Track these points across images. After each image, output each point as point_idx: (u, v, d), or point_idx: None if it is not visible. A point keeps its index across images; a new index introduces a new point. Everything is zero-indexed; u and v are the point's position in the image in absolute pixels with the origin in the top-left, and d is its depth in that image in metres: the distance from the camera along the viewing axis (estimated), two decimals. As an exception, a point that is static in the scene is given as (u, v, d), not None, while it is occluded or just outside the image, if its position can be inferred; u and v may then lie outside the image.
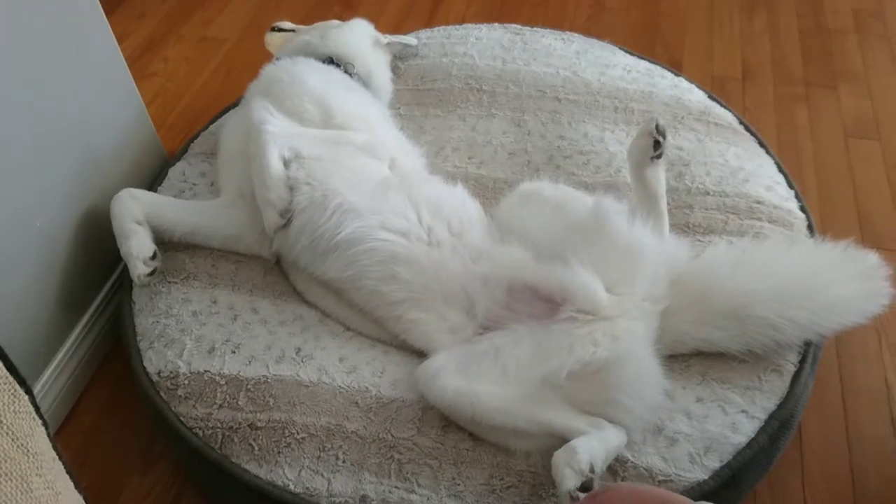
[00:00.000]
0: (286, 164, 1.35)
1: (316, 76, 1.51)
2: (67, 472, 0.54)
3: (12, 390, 0.52)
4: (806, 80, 2.24)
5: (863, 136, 2.06)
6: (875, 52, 2.34)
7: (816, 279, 1.26)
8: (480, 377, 1.17)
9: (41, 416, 0.54)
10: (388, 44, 1.81)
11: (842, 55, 2.33)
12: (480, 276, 1.29)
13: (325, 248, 1.33)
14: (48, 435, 0.55)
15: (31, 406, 0.54)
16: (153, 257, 1.38)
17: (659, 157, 1.35)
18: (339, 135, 1.42)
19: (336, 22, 1.77)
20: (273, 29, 1.83)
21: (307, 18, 1.80)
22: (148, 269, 1.37)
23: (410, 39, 1.91)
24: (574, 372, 1.14)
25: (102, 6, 1.47)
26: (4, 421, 0.49)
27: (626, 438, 1.16)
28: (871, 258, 1.28)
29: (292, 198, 1.34)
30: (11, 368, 0.54)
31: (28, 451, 0.51)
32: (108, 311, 1.58)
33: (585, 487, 1.04)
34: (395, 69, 1.86)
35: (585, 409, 1.15)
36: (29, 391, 0.54)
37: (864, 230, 1.82)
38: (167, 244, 1.45)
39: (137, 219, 1.40)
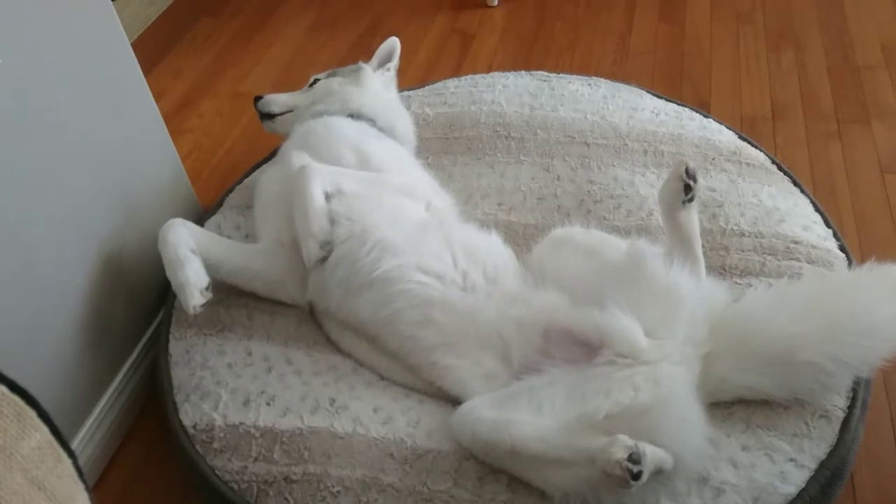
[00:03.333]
0: (327, 198, 1.37)
1: (349, 126, 1.56)
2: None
3: (56, 455, 0.52)
4: (838, 117, 2.22)
5: (900, 171, 2.03)
6: (907, 86, 2.31)
7: (852, 306, 1.21)
8: (516, 412, 1.14)
9: (83, 480, 0.54)
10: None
11: (873, 90, 2.31)
12: (515, 321, 1.27)
13: (360, 283, 1.33)
14: (90, 499, 0.55)
15: (73, 470, 0.54)
16: (207, 288, 1.36)
17: (691, 200, 1.33)
18: (378, 176, 1.45)
19: (338, 80, 1.72)
20: (264, 117, 1.75)
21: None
22: (203, 300, 1.34)
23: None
24: (612, 415, 1.10)
25: (141, 66, 1.52)
26: (48, 486, 0.48)
27: (672, 462, 1.10)
28: None
29: (332, 231, 1.35)
30: (56, 433, 0.54)
31: (70, 515, 0.51)
32: (143, 366, 1.59)
33: (634, 459, 1.00)
34: (423, 117, 1.88)
35: None
36: (72, 455, 0.54)
37: (907, 267, 1.77)
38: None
39: (191, 247, 1.39)
